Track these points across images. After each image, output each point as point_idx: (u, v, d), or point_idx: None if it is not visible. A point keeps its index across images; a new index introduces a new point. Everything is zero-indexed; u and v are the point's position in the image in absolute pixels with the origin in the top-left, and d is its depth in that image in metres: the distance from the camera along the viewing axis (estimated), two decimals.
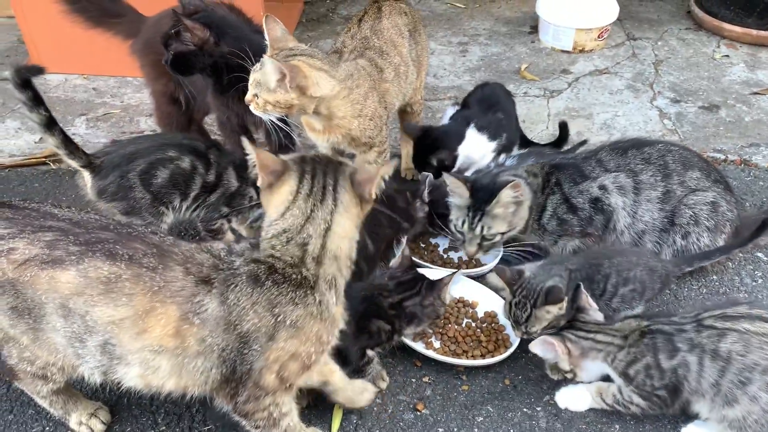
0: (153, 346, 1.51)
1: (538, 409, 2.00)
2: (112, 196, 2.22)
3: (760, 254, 2.50)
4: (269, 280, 1.51)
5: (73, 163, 2.18)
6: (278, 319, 1.50)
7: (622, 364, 1.86)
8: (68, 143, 2.14)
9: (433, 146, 2.60)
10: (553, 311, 1.98)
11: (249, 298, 1.50)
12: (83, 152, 2.18)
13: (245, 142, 1.56)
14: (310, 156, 1.60)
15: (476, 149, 2.65)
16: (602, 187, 2.26)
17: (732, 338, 1.75)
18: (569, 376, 1.98)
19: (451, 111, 2.83)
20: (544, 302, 1.97)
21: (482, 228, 2.24)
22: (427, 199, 2.43)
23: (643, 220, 2.28)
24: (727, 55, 3.71)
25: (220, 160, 2.35)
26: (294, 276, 1.52)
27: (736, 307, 1.82)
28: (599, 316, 1.95)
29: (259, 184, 1.56)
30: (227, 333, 1.51)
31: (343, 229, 1.55)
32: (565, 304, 1.97)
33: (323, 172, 1.55)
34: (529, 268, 2.12)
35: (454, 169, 2.63)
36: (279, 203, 1.54)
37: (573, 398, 1.99)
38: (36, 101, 2.01)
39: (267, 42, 2.20)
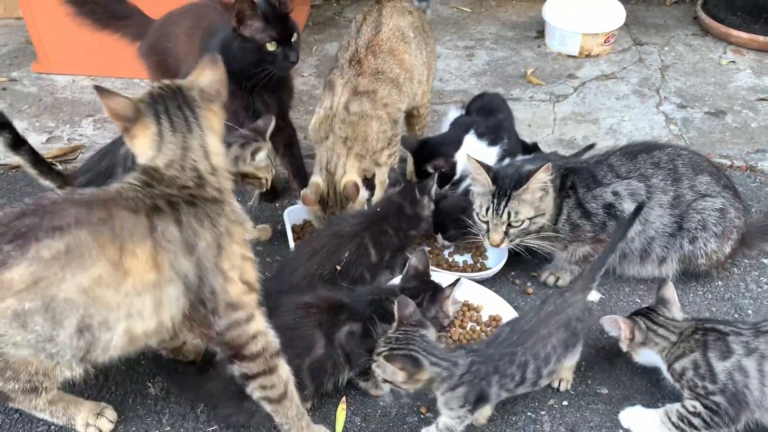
0: (136, 287, 1.53)
1: (543, 413, 2.00)
2: None
3: (765, 260, 2.50)
4: (197, 201, 1.62)
5: (48, 183, 2.15)
6: (218, 231, 1.63)
7: (672, 357, 1.86)
8: (39, 163, 2.10)
9: (429, 155, 2.61)
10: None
11: (194, 216, 1.60)
12: (57, 172, 2.16)
13: (96, 88, 1.61)
14: (156, 92, 1.65)
15: (476, 155, 2.64)
16: (615, 193, 2.24)
17: None
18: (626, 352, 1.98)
19: (454, 111, 2.84)
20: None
21: (509, 214, 2.17)
22: (434, 196, 2.41)
23: (654, 227, 2.26)
24: (734, 61, 3.71)
25: None
26: (206, 194, 1.64)
27: None
28: (679, 315, 1.94)
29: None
30: (188, 257, 1.58)
31: (216, 147, 1.69)
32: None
33: (177, 106, 1.64)
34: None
35: (456, 176, 2.63)
36: (148, 146, 1.63)
37: (640, 422, 1.93)
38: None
39: None
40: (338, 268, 2.14)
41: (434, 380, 1.77)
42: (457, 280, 2.19)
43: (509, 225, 2.21)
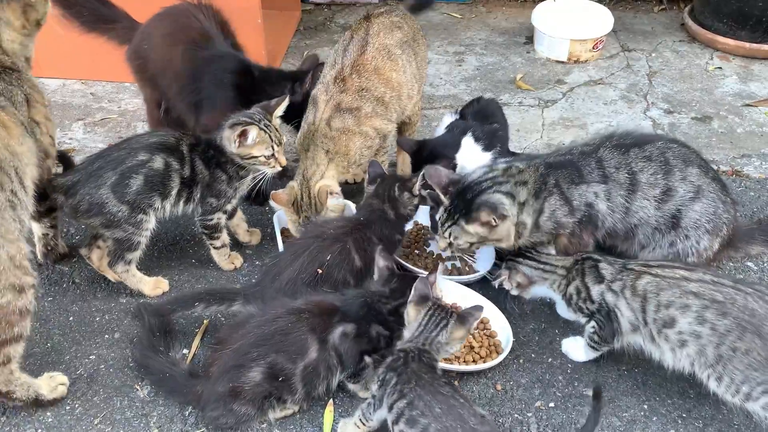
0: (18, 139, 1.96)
1: (529, 414, 2.01)
2: (87, 214, 2.25)
3: (750, 264, 2.53)
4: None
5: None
6: (26, 93, 2.11)
7: (562, 287, 2.12)
8: None
9: (430, 157, 2.61)
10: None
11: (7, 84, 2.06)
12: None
13: None
14: None
15: (471, 159, 2.65)
16: (596, 194, 2.23)
17: (646, 279, 1.98)
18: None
19: (448, 117, 2.86)
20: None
21: (450, 234, 2.19)
22: (417, 193, 2.36)
23: (637, 216, 2.23)
24: (720, 67, 3.75)
25: (192, 152, 2.34)
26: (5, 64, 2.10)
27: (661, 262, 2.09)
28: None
29: None
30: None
31: (11, 36, 2.14)
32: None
33: None
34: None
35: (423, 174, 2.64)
36: None
37: (573, 346, 2.20)
38: None
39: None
40: (320, 271, 2.15)
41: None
42: (436, 267, 2.19)
43: (450, 243, 2.21)
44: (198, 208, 2.39)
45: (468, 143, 2.63)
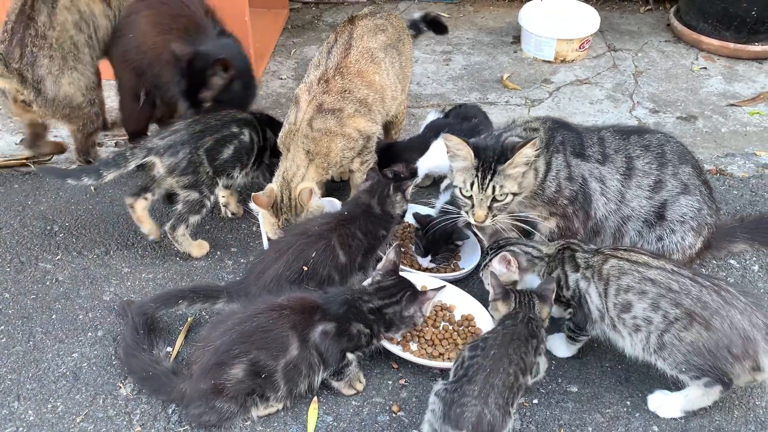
0: None
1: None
2: (182, 172, 2.41)
3: (732, 261, 2.55)
4: None
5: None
6: None
7: (546, 275, 2.14)
8: None
9: (391, 159, 2.63)
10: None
11: None
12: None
13: None
14: None
15: (444, 160, 2.65)
16: (590, 172, 2.25)
17: (611, 262, 2.02)
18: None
19: (432, 114, 2.87)
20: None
21: (494, 188, 2.11)
22: (409, 197, 2.41)
23: (630, 206, 2.26)
24: (705, 68, 3.78)
25: (260, 126, 2.62)
26: None
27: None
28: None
29: None
30: None
31: None
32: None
33: None
34: None
35: (418, 179, 2.65)
36: None
37: (556, 343, 2.20)
38: None
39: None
40: (305, 268, 2.15)
41: None
42: (444, 287, 2.21)
43: (494, 199, 2.14)
44: (254, 174, 2.67)
45: (439, 144, 2.64)
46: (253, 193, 2.42)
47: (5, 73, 2.52)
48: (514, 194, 2.15)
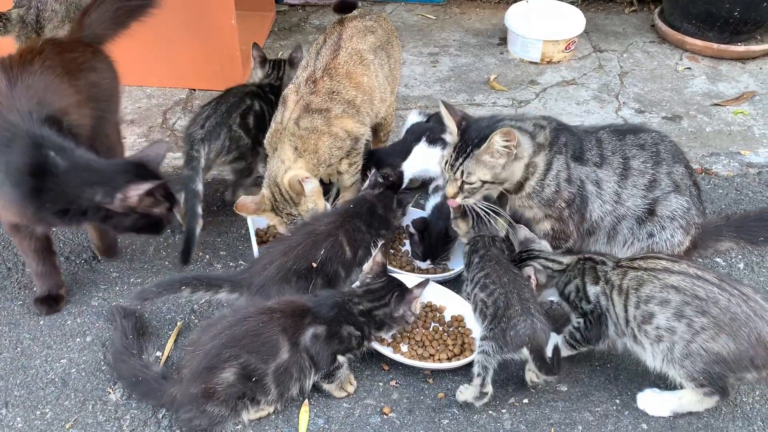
0: None
1: (503, 411, 2.03)
2: (228, 150, 2.57)
3: (718, 259, 2.57)
4: None
5: None
6: None
7: (561, 285, 2.10)
8: None
9: (377, 166, 2.64)
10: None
11: None
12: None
13: None
14: None
15: (430, 162, 2.66)
16: (587, 175, 2.26)
17: (630, 275, 1.97)
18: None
19: (414, 115, 2.89)
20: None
21: (462, 172, 2.12)
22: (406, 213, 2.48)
23: (625, 205, 2.27)
24: (689, 68, 3.82)
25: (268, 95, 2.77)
26: None
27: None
28: (548, 247, 2.23)
29: None
30: None
31: None
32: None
33: None
34: None
35: (403, 185, 2.65)
36: None
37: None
38: None
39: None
40: (314, 265, 2.16)
41: None
42: (426, 281, 2.22)
43: (463, 182, 2.14)
44: None
45: (421, 149, 2.67)
46: (238, 200, 2.40)
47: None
48: (486, 182, 2.13)
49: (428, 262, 2.46)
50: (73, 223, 2.01)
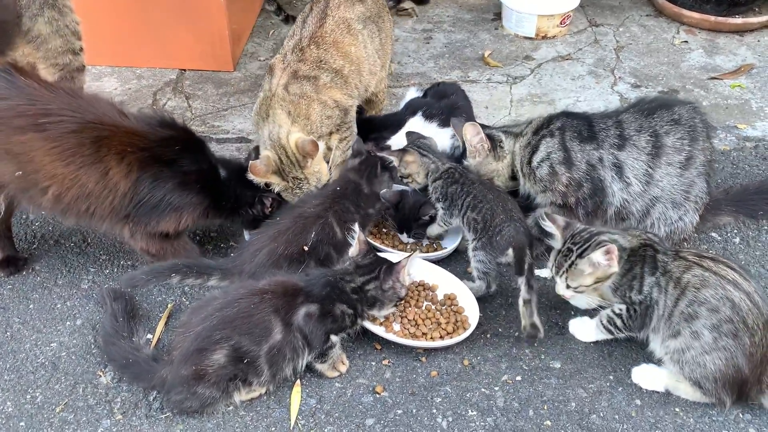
0: None
1: (496, 389, 2.02)
2: None
3: (714, 234, 2.55)
4: None
5: None
6: None
7: (622, 270, 1.96)
8: None
9: (368, 133, 2.61)
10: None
11: None
12: None
13: None
14: None
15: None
16: (600, 159, 2.21)
17: (694, 272, 1.87)
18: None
19: (412, 92, 2.85)
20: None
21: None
22: (397, 177, 2.45)
23: (660, 185, 2.20)
24: (686, 41, 3.76)
25: None
26: None
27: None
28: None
29: None
30: None
31: None
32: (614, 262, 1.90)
33: None
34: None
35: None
36: None
37: (582, 327, 2.15)
38: None
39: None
40: (306, 248, 2.15)
41: None
42: (414, 252, 2.23)
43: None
44: None
45: (416, 122, 2.64)
46: (250, 162, 2.31)
47: None
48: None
49: (406, 236, 2.44)
50: None
